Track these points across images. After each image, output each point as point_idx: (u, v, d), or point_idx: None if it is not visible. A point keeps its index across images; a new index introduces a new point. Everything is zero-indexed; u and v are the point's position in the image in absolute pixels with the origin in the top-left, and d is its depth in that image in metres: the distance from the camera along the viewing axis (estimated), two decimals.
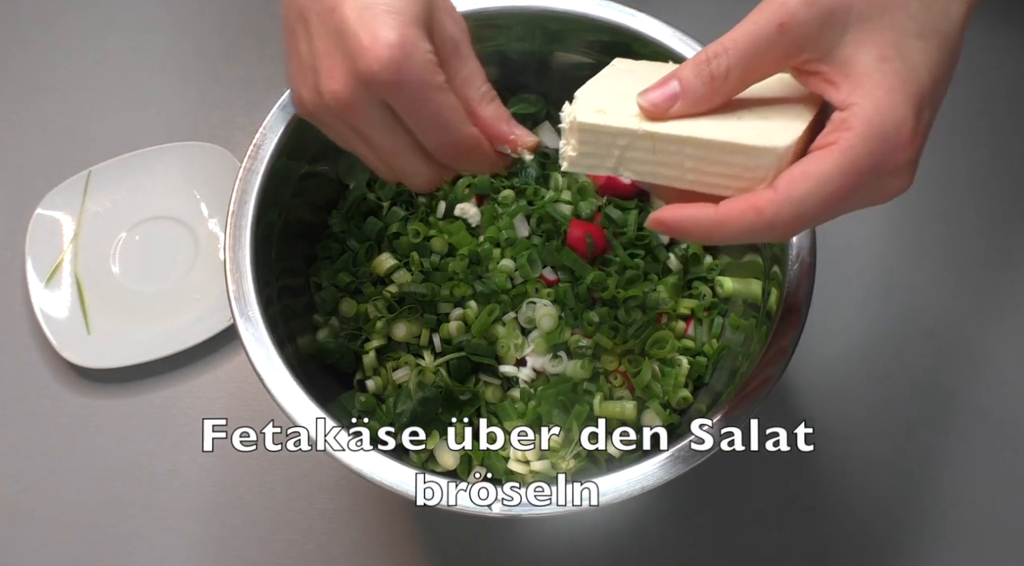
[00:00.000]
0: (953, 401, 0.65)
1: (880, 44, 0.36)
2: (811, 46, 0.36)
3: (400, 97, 0.40)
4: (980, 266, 0.69)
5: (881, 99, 0.35)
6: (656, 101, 0.38)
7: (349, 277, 0.59)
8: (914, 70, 0.36)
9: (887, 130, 0.35)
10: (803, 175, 0.35)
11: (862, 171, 0.35)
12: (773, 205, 0.35)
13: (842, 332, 0.66)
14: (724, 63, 0.36)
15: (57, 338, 0.65)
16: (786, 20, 0.35)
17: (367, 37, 0.39)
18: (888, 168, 0.36)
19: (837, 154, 0.35)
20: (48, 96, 0.77)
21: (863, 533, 0.61)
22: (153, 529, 0.61)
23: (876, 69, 0.35)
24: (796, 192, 0.35)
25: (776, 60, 0.37)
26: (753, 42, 0.36)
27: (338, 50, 0.40)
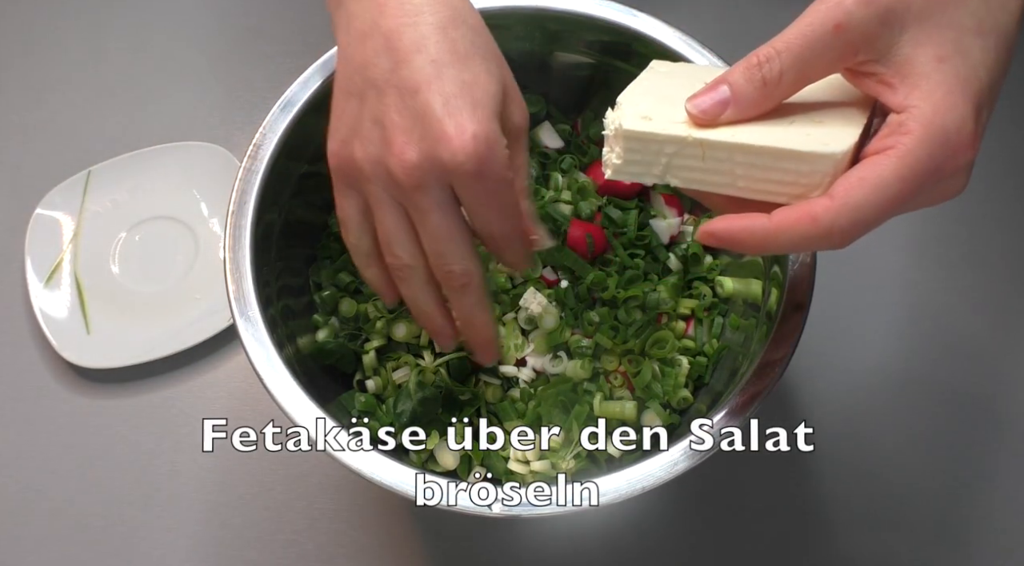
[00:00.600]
0: (953, 400, 0.65)
1: (939, 43, 0.35)
2: (867, 47, 0.35)
3: (475, 188, 0.41)
4: (980, 264, 0.69)
5: (940, 101, 0.34)
6: (706, 107, 0.37)
7: (349, 277, 0.59)
8: (973, 69, 0.35)
9: (948, 133, 0.34)
10: (860, 181, 0.34)
11: (921, 176, 0.34)
12: (830, 213, 0.34)
13: (842, 332, 0.66)
14: (777, 67, 0.35)
15: (57, 338, 0.65)
16: (843, 21, 0.34)
17: (454, 127, 0.40)
18: (948, 171, 0.35)
19: (895, 159, 0.34)
20: (48, 96, 0.77)
21: (863, 533, 0.61)
22: (153, 529, 0.61)
23: (935, 69, 0.34)
24: (853, 199, 0.34)
25: (831, 62, 0.36)
26: (808, 44, 0.35)
27: (416, 131, 0.41)
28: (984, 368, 0.66)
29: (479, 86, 0.41)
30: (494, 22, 0.57)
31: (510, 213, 0.44)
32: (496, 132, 0.41)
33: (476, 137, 0.40)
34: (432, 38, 0.41)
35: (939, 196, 0.37)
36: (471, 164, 0.40)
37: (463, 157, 0.40)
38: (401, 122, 0.41)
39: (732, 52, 0.55)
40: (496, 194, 0.42)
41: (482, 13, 0.56)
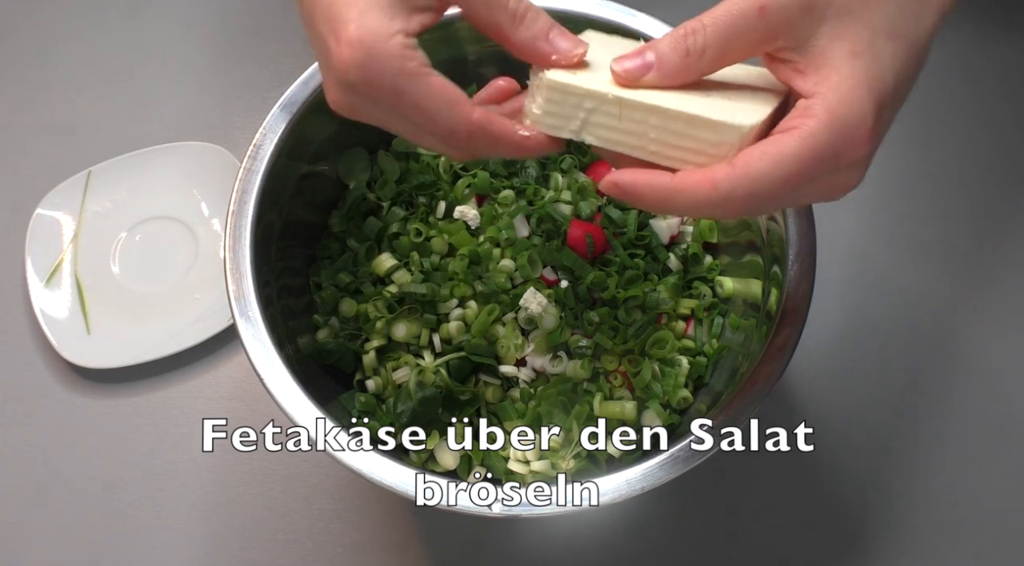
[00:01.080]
0: (953, 400, 0.65)
1: (854, 40, 0.36)
2: (788, 33, 0.36)
3: (376, 95, 0.38)
4: (979, 267, 0.69)
5: (847, 93, 0.36)
6: (629, 68, 0.38)
7: (349, 277, 0.60)
8: (881, 70, 0.36)
9: (849, 122, 0.35)
10: (761, 154, 0.36)
11: (819, 158, 0.35)
12: (729, 180, 0.35)
13: (842, 332, 0.66)
14: (701, 39, 0.37)
15: (57, 338, 0.65)
16: (767, 4, 0.36)
17: (332, 40, 0.37)
18: (844, 161, 0.36)
19: (797, 139, 0.35)
20: (48, 96, 0.77)
21: (863, 533, 0.61)
22: (153, 529, 0.61)
23: (846, 63, 0.36)
24: (753, 170, 0.35)
25: (752, 43, 0.37)
26: (732, 22, 0.36)
27: (322, 59, 0.39)
28: (984, 368, 0.66)
29: None
30: None
31: (429, 110, 0.38)
32: (374, 25, 0.37)
33: (350, 43, 0.37)
34: None
35: (834, 187, 0.38)
36: (356, 75, 0.37)
37: (346, 70, 0.37)
38: (317, 59, 0.40)
39: None
40: (399, 96, 0.38)
41: None
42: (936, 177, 0.72)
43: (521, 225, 0.60)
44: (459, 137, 0.39)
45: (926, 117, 0.74)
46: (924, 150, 0.73)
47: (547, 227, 0.59)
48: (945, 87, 0.75)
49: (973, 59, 0.77)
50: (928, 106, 0.75)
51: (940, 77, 0.76)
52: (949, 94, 0.75)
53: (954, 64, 0.76)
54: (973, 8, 0.76)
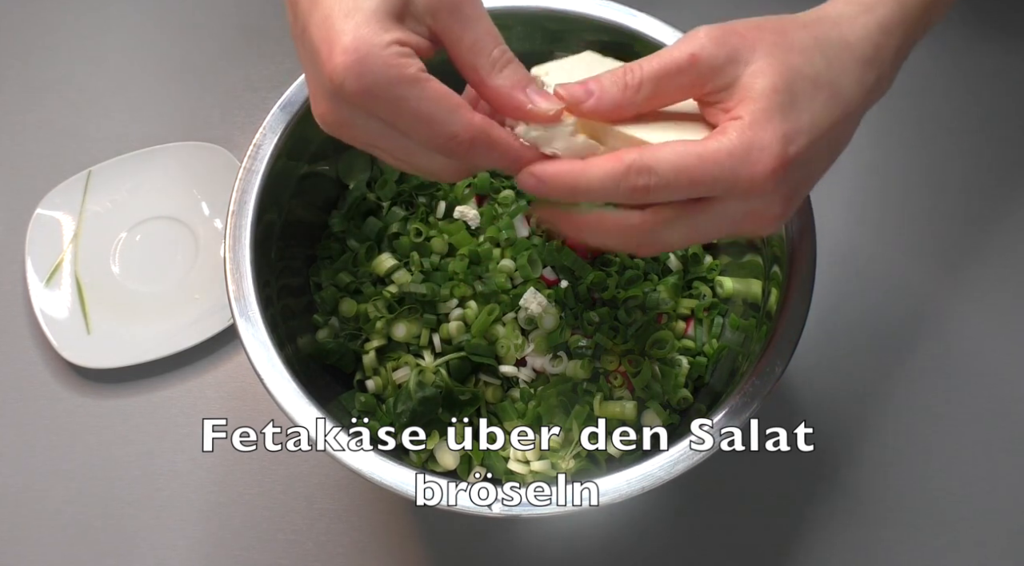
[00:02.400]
0: (954, 399, 0.65)
1: (775, 76, 0.39)
2: (715, 78, 0.39)
3: (372, 104, 0.37)
4: (980, 266, 0.69)
5: (758, 121, 0.38)
6: (572, 91, 0.40)
7: (349, 277, 0.60)
8: (796, 110, 0.39)
9: (751, 144, 0.38)
10: (670, 145, 0.38)
11: (716, 163, 0.37)
12: (632, 153, 0.38)
13: (842, 332, 0.66)
14: (638, 76, 0.39)
15: (57, 338, 0.65)
16: (697, 52, 0.39)
17: (325, 49, 0.37)
18: (743, 177, 0.38)
19: (703, 142, 0.38)
20: (48, 96, 0.77)
21: (863, 533, 0.61)
22: (153, 529, 0.61)
23: (764, 95, 0.38)
24: (659, 152, 0.38)
25: (684, 87, 0.40)
26: (665, 65, 0.39)
27: (312, 70, 0.39)
28: (985, 367, 0.66)
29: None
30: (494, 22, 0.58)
31: (426, 116, 0.37)
32: (369, 35, 0.36)
33: (345, 51, 0.36)
34: None
35: (751, 218, 0.40)
36: (350, 83, 0.36)
37: (339, 79, 0.36)
38: (307, 70, 0.39)
39: None
40: (394, 102, 0.37)
41: None
42: (936, 177, 0.72)
43: (521, 225, 0.60)
44: (460, 143, 0.38)
45: (925, 116, 0.74)
46: (924, 150, 0.74)
47: (547, 227, 0.59)
48: (942, 86, 0.75)
49: (969, 57, 0.77)
50: (926, 105, 0.75)
51: (937, 75, 0.76)
52: (946, 93, 0.75)
53: (950, 62, 0.76)
54: (970, 7, 0.76)
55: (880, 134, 0.73)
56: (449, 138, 0.38)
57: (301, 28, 0.39)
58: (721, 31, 0.40)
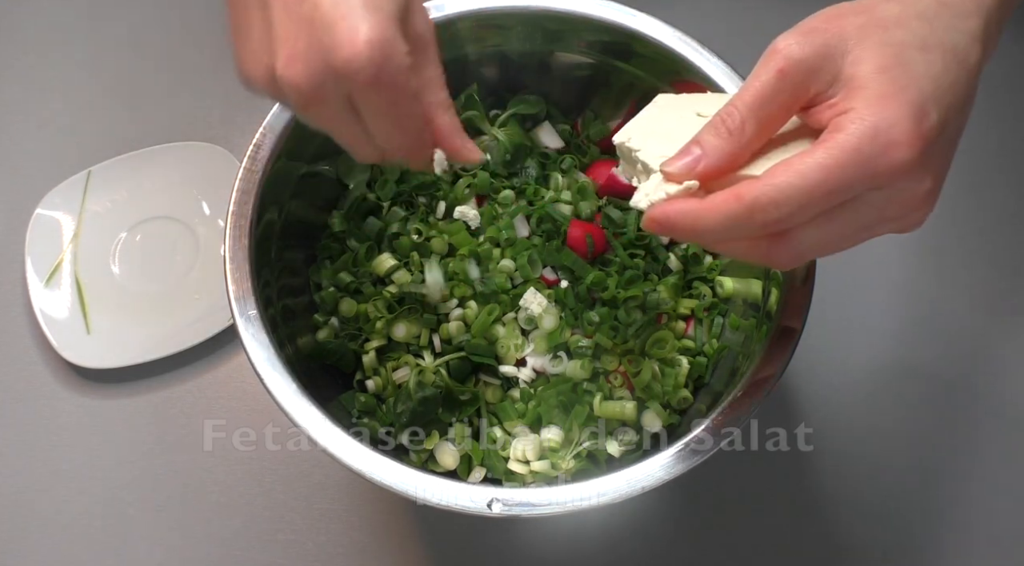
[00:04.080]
0: (953, 399, 0.65)
1: (880, 57, 0.36)
2: (815, 81, 0.37)
3: (371, 96, 0.38)
4: (981, 264, 0.69)
5: (873, 103, 0.36)
6: (681, 166, 0.38)
7: (349, 277, 0.59)
8: (914, 78, 0.36)
9: (878, 128, 0.35)
10: (786, 166, 0.36)
11: (846, 165, 0.35)
12: (752, 192, 0.36)
13: (842, 332, 0.66)
14: (737, 118, 0.37)
15: (57, 338, 0.65)
16: (784, 65, 0.37)
17: (345, 31, 0.37)
18: (883, 167, 0.35)
19: (822, 149, 0.35)
20: (48, 96, 0.77)
21: (863, 533, 0.61)
22: (153, 529, 0.61)
23: (873, 79, 0.36)
24: (776, 179, 0.35)
25: (786, 104, 0.38)
26: (758, 93, 0.37)
27: (304, 38, 0.38)
28: (985, 366, 0.66)
29: None
30: (494, 22, 0.58)
31: (406, 126, 0.40)
32: (395, 37, 0.38)
33: (371, 42, 0.37)
34: None
35: (900, 202, 0.37)
36: (367, 72, 0.37)
37: (358, 64, 0.37)
38: (286, 32, 0.38)
39: (731, 51, 0.55)
40: (392, 105, 0.39)
41: (482, 13, 0.57)
42: None
43: (521, 225, 0.60)
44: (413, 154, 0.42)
45: None
46: None
47: (547, 227, 0.59)
48: None
49: None
50: None
51: None
52: None
53: None
54: None
55: None
56: (407, 145, 0.42)
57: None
58: (801, 34, 0.37)
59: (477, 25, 0.58)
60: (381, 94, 0.38)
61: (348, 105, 0.40)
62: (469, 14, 0.56)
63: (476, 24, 0.58)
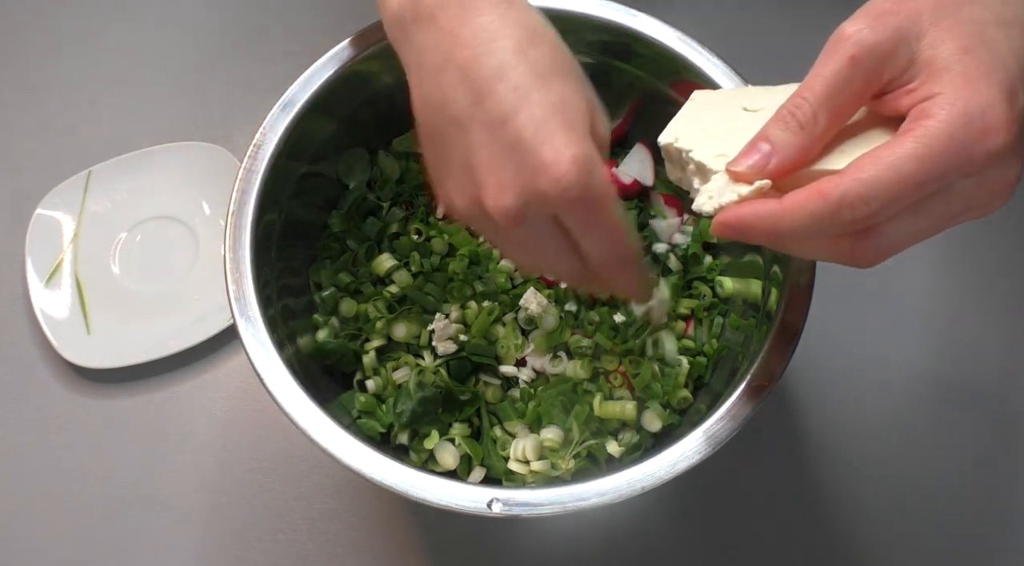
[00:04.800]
0: (954, 398, 0.65)
1: (960, 36, 0.34)
2: (891, 65, 0.35)
3: (580, 213, 0.39)
4: (981, 265, 0.69)
5: (962, 87, 0.33)
6: (751, 165, 0.36)
7: (349, 277, 0.60)
8: (999, 57, 0.34)
9: (970, 115, 0.33)
10: (874, 158, 0.33)
11: (940, 156, 0.33)
12: (838, 188, 0.33)
13: (842, 332, 0.66)
14: (809, 109, 0.36)
15: (57, 338, 0.65)
16: (856, 52, 0.35)
17: (549, 154, 0.37)
18: (978, 155, 0.33)
19: (912, 139, 0.33)
20: (48, 96, 0.77)
21: (863, 533, 0.61)
22: (153, 529, 0.61)
23: (958, 61, 0.34)
24: (864, 173, 0.33)
25: (859, 92, 0.36)
26: (829, 82, 0.35)
27: (510, 164, 0.38)
28: (985, 366, 0.66)
29: (568, 106, 0.39)
30: None
31: (621, 233, 0.40)
32: (593, 151, 0.38)
33: (576, 160, 0.37)
34: (511, 62, 0.39)
35: (989, 189, 0.35)
36: (575, 190, 0.37)
37: (566, 183, 0.37)
38: (491, 159, 0.38)
39: (731, 51, 0.55)
40: (601, 217, 0.39)
41: None
42: None
43: None
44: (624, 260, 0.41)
45: None
46: None
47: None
48: None
49: None
50: None
51: None
52: None
53: None
54: None
55: None
56: (621, 256, 0.41)
57: (498, 117, 0.38)
58: (871, 16, 0.35)
59: None
60: (590, 208, 0.38)
61: (554, 224, 0.40)
62: None
63: None
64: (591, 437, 0.55)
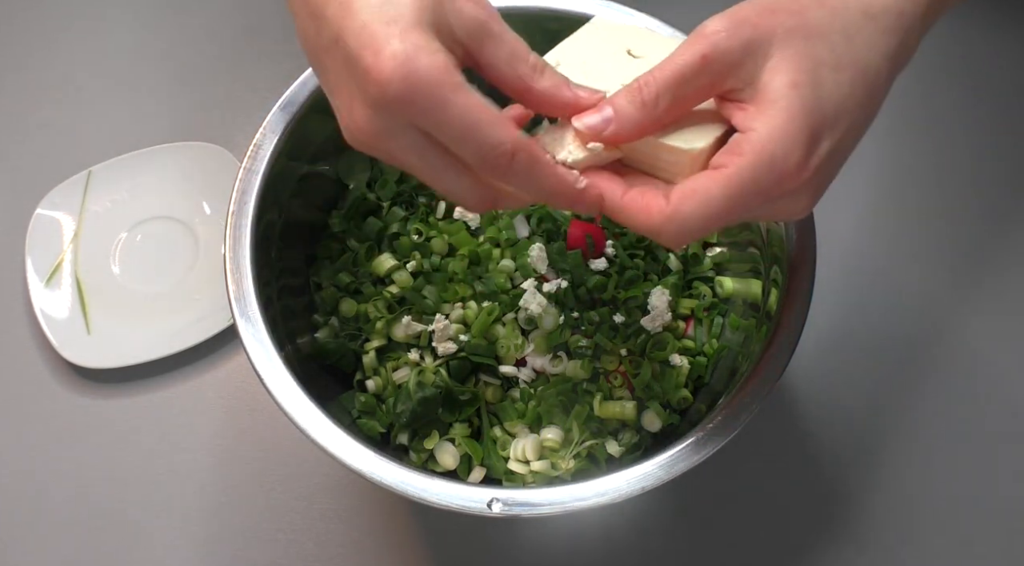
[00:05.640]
0: (955, 400, 0.65)
1: (795, 71, 0.37)
2: (734, 75, 0.38)
3: (416, 110, 0.37)
4: (982, 265, 0.69)
5: (776, 128, 0.37)
6: (591, 124, 0.39)
7: (349, 277, 0.60)
8: (819, 101, 0.37)
9: (775, 160, 0.37)
10: (692, 193, 0.37)
11: (745, 196, 0.37)
12: (661, 216, 0.38)
13: (842, 332, 0.66)
14: (653, 90, 0.38)
15: (57, 338, 0.65)
16: (708, 52, 0.37)
17: (369, 57, 0.36)
18: (775, 193, 0.38)
19: (723, 179, 0.37)
20: (48, 96, 0.77)
21: (864, 531, 0.61)
22: (153, 529, 0.61)
23: (783, 95, 0.37)
24: (683, 209, 0.37)
25: (703, 89, 0.38)
26: (679, 71, 0.38)
27: (351, 81, 0.38)
28: (986, 367, 0.66)
29: (390, 3, 0.37)
30: None
31: (472, 122, 0.37)
32: (416, 41, 0.36)
33: (394, 56, 0.36)
34: None
35: (778, 213, 0.41)
36: (395, 89, 0.36)
37: (386, 83, 0.36)
38: (337, 81, 0.39)
39: None
40: (440, 108, 0.36)
41: None
42: (938, 175, 0.72)
43: (521, 225, 0.60)
44: (502, 154, 0.37)
45: (928, 112, 0.74)
46: (925, 146, 0.73)
47: (547, 227, 0.59)
48: (948, 81, 0.75)
49: (977, 51, 0.76)
50: (930, 101, 0.75)
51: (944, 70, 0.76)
52: (952, 88, 0.75)
53: (958, 57, 0.76)
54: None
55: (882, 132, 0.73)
56: (492, 148, 0.37)
57: (331, 38, 0.38)
58: (732, 22, 0.38)
59: None
60: (421, 101, 0.36)
61: (417, 134, 0.38)
62: None
63: None
64: (591, 437, 0.55)
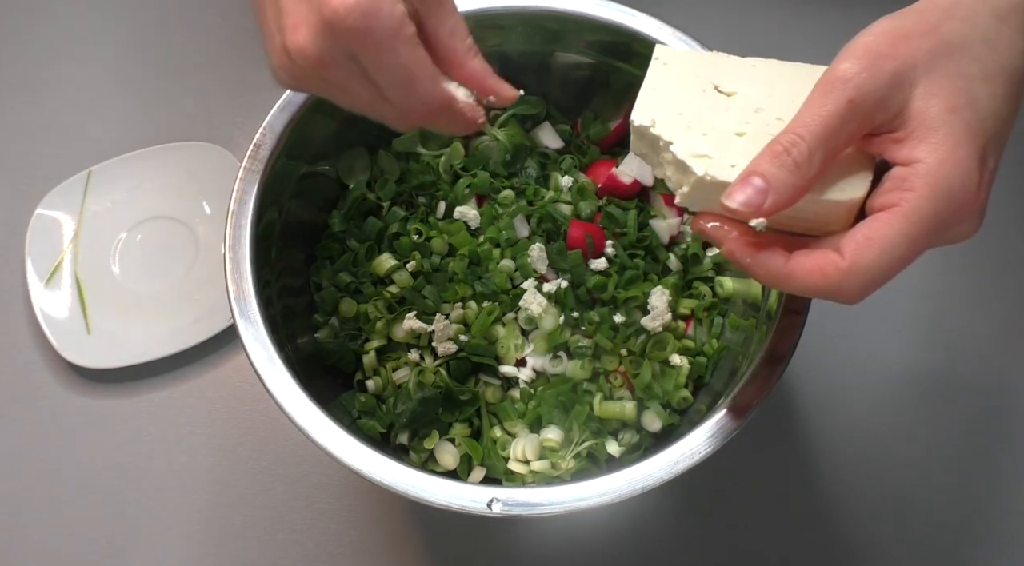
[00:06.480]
0: (954, 398, 0.65)
1: (950, 94, 0.36)
2: (882, 111, 0.36)
3: (366, 46, 0.38)
4: (982, 265, 0.69)
5: (946, 156, 0.35)
6: (745, 201, 0.37)
7: (349, 277, 0.60)
8: (981, 120, 0.36)
9: (952, 190, 0.35)
10: (868, 242, 0.36)
11: (927, 233, 0.35)
12: (839, 273, 0.36)
13: (842, 332, 0.66)
14: (805, 149, 0.36)
15: (57, 338, 0.65)
16: (854, 96, 0.36)
17: None
18: (954, 222, 0.36)
19: (900, 218, 0.35)
20: (48, 96, 0.77)
21: (863, 533, 0.61)
22: (153, 529, 0.61)
23: (944, 121, 0.36)
24: (862, 261, 0.36)
25: (852, 133, 0.37)
26: (828, 123, 0.36)
27: (304, 5, 0.38)
28: (985, 366, 0.66)
29: None
30: (494, 22, 0.58)
31: (412, 76, 0.39)
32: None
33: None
34: None
35: (949, 241, 0.38)
36: (353, 18, 0.37)
37: (344, 10, 0.37)
38: (288, 4, 0.39)
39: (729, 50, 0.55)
40: (389, 53, 0.38)
41: (483, 13, 0.57)
42: None
43: (521, 225, 0.60)
44: (429, 108, 0.41)
45: None
46: None
47: (547, 227, 0.59)
48: None
49: None
50: None
51: None
52: None
53: None
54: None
55: None
56: (423, 103, 0.41)
57: None
58: (868, 58, 0.36)
59: (477, 25, 0.57)
60: (373, 40, 0.38)
61: (358, 67, 0.40)
62: (469, 14, 0.56)
63: (476, 24, 0.57)
64: (591, 437, 0.55)
